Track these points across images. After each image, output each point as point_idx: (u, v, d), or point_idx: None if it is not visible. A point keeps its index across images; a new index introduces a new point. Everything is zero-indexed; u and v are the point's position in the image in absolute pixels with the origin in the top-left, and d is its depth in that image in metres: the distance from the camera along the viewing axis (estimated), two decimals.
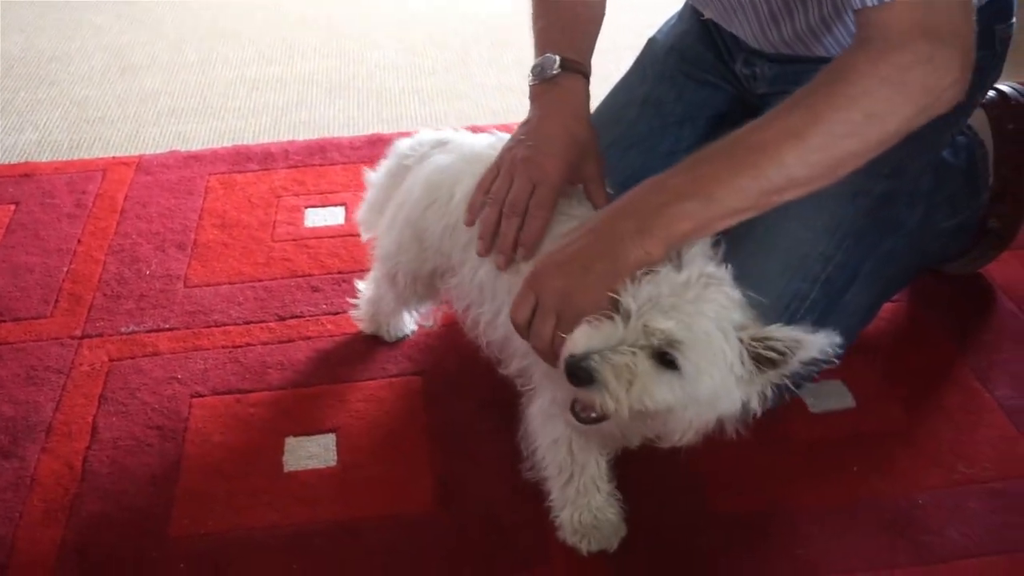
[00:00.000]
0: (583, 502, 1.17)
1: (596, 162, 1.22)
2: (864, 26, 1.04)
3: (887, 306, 1.52)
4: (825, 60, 1.31)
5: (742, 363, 0.94)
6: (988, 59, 1.32)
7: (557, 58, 1.23)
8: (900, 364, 1.46)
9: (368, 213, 1.46)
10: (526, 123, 1.23)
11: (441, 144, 1.32)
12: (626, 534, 1.20)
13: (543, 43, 1.28)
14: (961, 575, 1.16)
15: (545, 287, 1.03)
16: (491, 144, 1.27)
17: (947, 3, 1.01)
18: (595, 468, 1.17)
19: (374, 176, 1.44)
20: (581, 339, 0.93)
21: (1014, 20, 1.34)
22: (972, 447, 1.32)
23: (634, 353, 0.91)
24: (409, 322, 1.51)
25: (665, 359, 0.92)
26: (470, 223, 1.19)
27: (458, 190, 1.23)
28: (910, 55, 1.00)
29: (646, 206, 1.02)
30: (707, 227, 1.02)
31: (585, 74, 1.25)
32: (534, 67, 1.25)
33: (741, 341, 0.94)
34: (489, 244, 1.16)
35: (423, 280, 1.33)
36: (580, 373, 0.92)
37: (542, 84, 1.24)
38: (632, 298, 0.93)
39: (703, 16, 1.45)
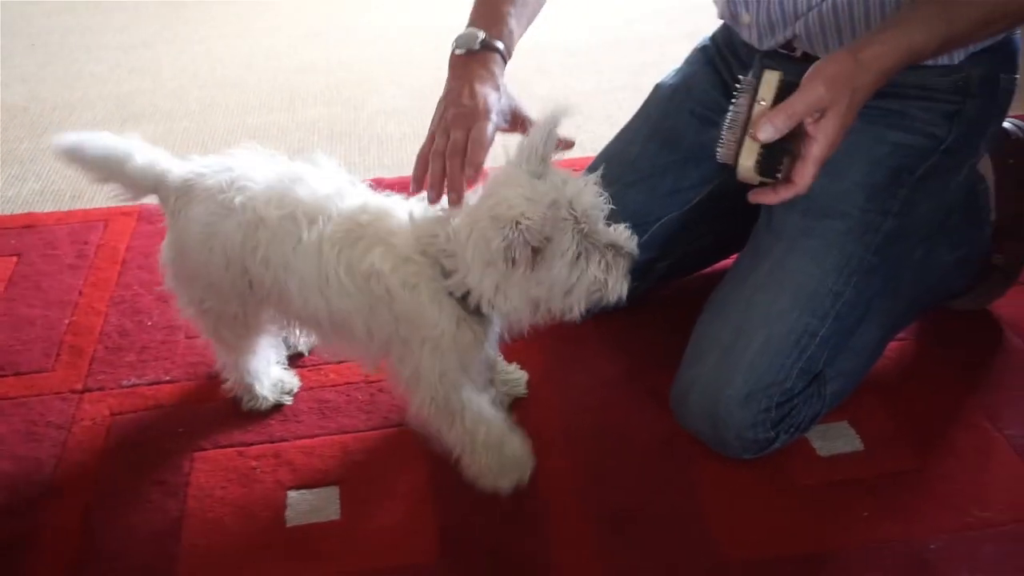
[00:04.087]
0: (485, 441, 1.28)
1: (523, 111, 1.29)
2: None
3: (893, 345, 1.51)
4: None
5: None
6: (991, 109, 1.34)
7: (481, 34, 1.30)
8: (908, 404, 1.44)
9: None
10: (448, 93, 1.27)
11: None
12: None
13: (473, 17, 1.34)
14: None
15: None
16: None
17: None
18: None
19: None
20: None
21: (1017, 75, 1.35)
22: (985, 489, 1.30)
23: None
24: (272, 386, 1.47)
25: None
26: (415, 192, 1.22)
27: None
28: None
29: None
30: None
31: (503, 55, 1.31)
32: (458, 38, 1.31)
33: None
34: (439, 191, 1.18)
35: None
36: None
37: (463, 56, 1.30)
38: None
39: (737, 14, 1.42)
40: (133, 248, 1.86)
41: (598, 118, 2.32)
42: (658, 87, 1.59)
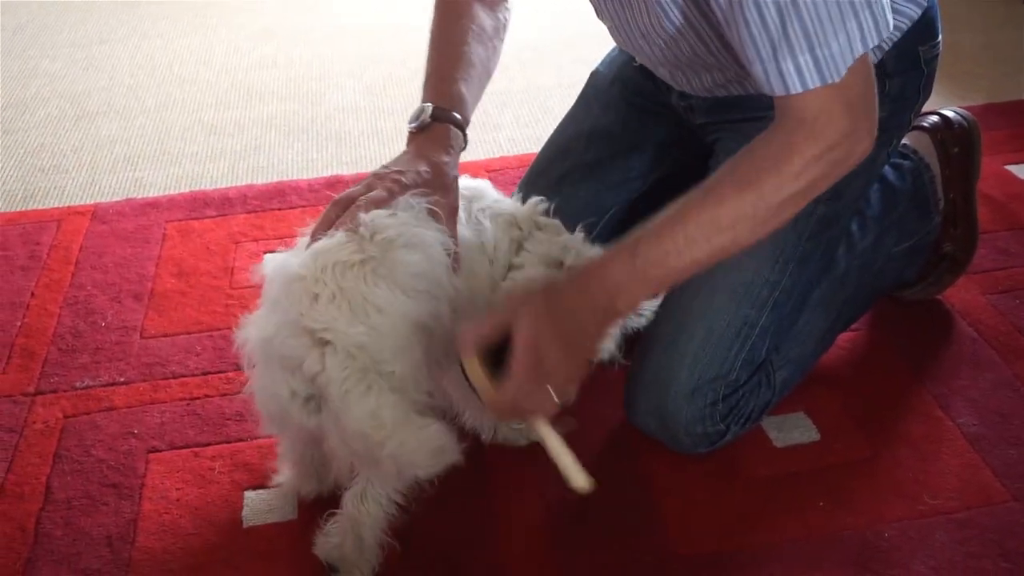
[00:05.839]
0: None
1: (452, 197, 1.22)
2: (785, 109, 1.07)
3: (846, 335, 1.53)
4: (751, 97, 1.33)
5: None
6: (915, 79, 1.35)
7: (430, 107, 1.26)
8: (862, 394, 1.46)
9: None
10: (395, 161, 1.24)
11: None
12: None
13: (425, 92, 1.30)
14: None
15: (548, 356, 1.08)
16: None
17: (856, 76, 1.05)
18: None
19: None
20: None
21: (939, 40, 1.36)
22: (937, 477, 1.31)
23: None
24: None
25: None
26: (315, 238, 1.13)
27: None
28: (834, 132, 1.05)
29: (603, 292, 1.09)
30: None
31: (455, 123, 1.26)
32: (411, 115, 1.27)
33: None
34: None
35: None
36: None
37: (416, 132, 1.26)
38: None
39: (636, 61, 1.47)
40: (86, 248, 1.84)
41: (557, 113, 2.31)
42: (595, 74, 1.60)
